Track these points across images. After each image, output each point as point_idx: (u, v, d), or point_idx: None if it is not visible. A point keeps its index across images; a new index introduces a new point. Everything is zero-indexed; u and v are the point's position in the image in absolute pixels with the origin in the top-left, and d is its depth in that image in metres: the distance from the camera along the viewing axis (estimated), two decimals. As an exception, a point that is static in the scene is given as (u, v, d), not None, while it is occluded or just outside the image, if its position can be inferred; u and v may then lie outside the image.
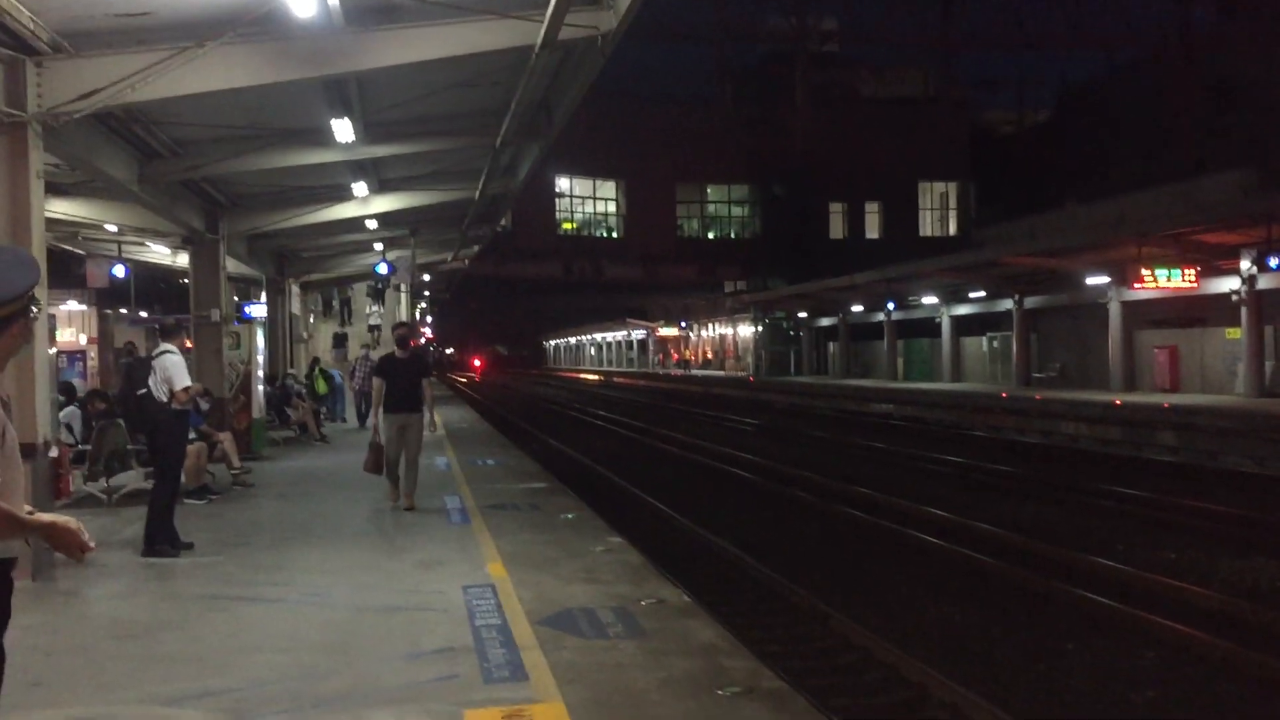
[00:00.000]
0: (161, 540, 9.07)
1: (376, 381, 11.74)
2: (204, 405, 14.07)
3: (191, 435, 13.09)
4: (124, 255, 21.87)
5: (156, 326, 10.06)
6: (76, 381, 18.92)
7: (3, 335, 3.13)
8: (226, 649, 6.30)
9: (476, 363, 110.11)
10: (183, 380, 9.12)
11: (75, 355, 28.70)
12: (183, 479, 12.12)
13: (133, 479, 11.98)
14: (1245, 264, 24.54)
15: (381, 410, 11.54)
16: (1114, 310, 29.56)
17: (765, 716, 4.94)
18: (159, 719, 5.07)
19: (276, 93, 10.80)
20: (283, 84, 9.63)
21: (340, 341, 32.75)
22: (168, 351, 9.25)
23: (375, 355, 19.83)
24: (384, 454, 11.50)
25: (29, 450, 7.25)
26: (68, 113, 8.43)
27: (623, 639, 6.31)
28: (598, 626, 6.59)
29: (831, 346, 51.22)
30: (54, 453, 8.94)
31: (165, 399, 9.10)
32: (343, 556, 9.06)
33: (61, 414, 13.26)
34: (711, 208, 64.40)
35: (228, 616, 7.12)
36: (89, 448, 11.98)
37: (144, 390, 9.25)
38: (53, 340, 20.28)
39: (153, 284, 33.38)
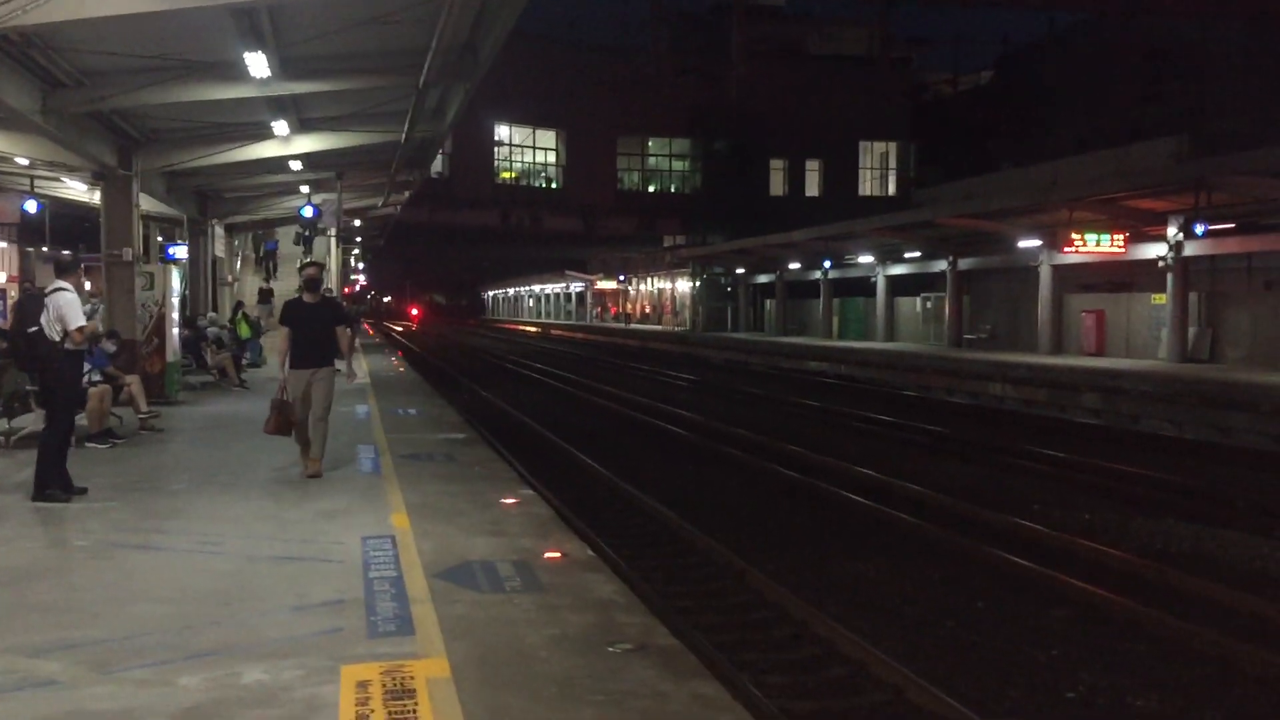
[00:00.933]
0: (53, 484, 8.70)
1: (281, 331, 10.34)
2: (110, 347, 13.62)
3: (97, 377, 12.69)
4: (37, 190, 21.08)
5: (51, 262, 9.57)
6: (-9, 320, 18.28)
7: None
8: (105, 599, 6.01)
9: (414, 311, 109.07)
10: (76, 319, 8.70)
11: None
12: (85, 422, 11.76)
13: (32, 421, 11.54)
14: (1172, 230, 24.76)
15: (286, 364, 10.14)
16: (1044, 273, 29.78)
17: (651, 675, 4.79)
18: (16, 670, 4.80)
19: (185, 20, 10.36)
20: (188, 11, 9.20)
21: (265, 297, 31.95)
22: (61, 289, 8.81)
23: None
24: (291, 413, 10.02)
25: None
26: (-49, 33, 7.95)
27: (519, 593, 6.13)
28: (495, 580, 6.40)
29: (768, 304, 51.24)
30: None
31: (58, 338, 8.68)
32: (244, 505, 8.77)
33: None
34: (652, 160, 63.88)
35: (112, 565, 6.83)
36: (-14, 388, 11.51)
37: (35, 328, 8.81)
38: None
39: (75, 222, 32.39)
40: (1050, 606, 8.29)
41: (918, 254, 36.20)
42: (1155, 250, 25.56)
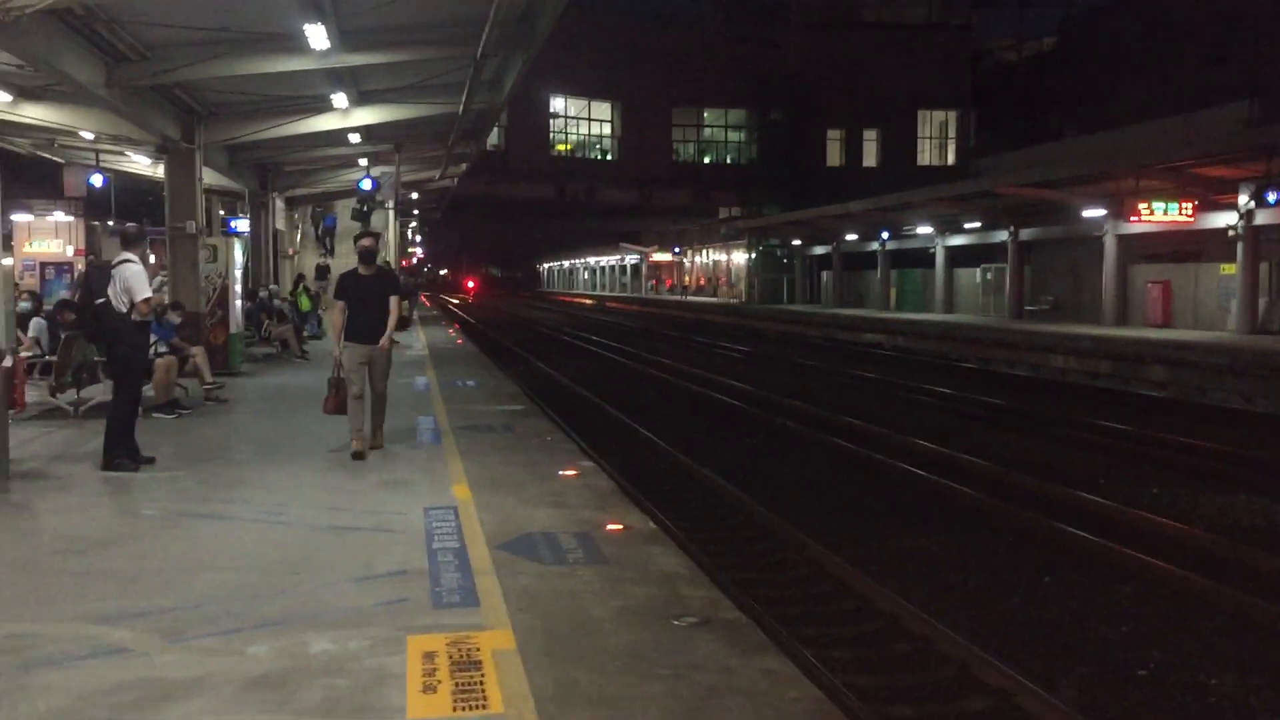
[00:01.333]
0: (121, 454, 8.83)
1: (336, 305, 9.93)
2: (175, 319, 13.79)
3: (163, 349, 12.86)
4: (102, 164, 21.40)
5: (118, 234, 9.65)
6: (63, 293, 18.60)
7: None
8: (172, 567, 6.09)
9: (470, 284, 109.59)
10: (143, 291, 8.79)
11: (63, 266, 28.32)
12: (152, 393, 11.93)
13: (100, 391, 11.72)
14: (1243, 199, 24.16)
15: (342, 339, 9.78)
16: (1109, 243, 29.21)
17: (717, 649, 4.75)
18: (88, 638, 4.86)
19: (245, -9, 10.35)
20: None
21: (323, 274, 32.22)
22: (128, 260, 8.90)
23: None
24: (347, 390, 9.66)
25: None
26: (19, 7, 8.01)
27: (582, 565, 6.12)
28: (558, 552, 6.39)
29: (825, 275, 50.84)
30: (7, 363, 8.66)
31: (124, 309, 8.78)
32: (306, 475, 8.85)
33: (30, 325, 12.99)
34: (708, 132, 63.45)
35: (179, 533, 6.91)
36: (55, 359, 11.71)
37: (103, 299, 8.91)
38: (8, 248, 19.82)
39: (140, 196, 32.84)
40: (1119, 582, 8.14)
41: (978, 224, 35.67)
42: (1225, 219, 24.96)
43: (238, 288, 17.65)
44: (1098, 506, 10.32)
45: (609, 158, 62.12)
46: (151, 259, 10.31)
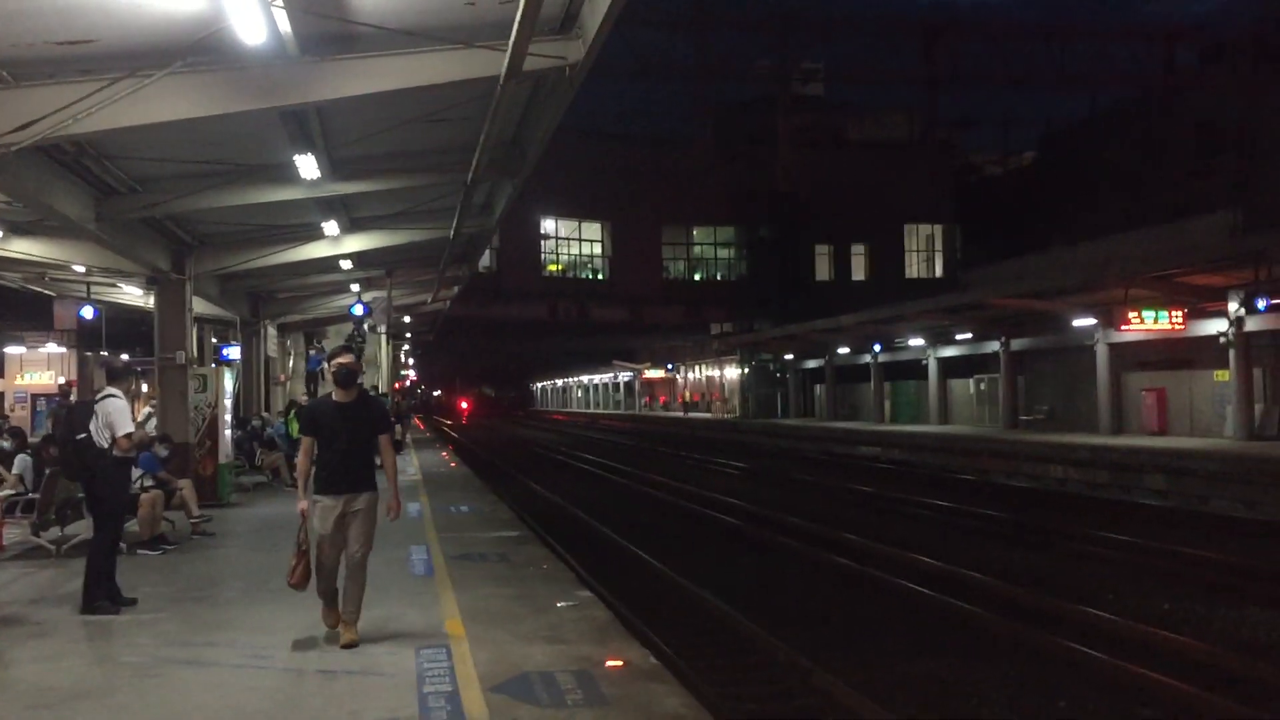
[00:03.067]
0: (101, 596, 8.54)
1: (305, 442, 7.64)
2: (163, 451, 13.58)
3: (149, 483, 12.63)
4: (94, 296, 21.44)
5: (103, 368, 9.52)
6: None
7: None
8: (151, 720, 5.79)
9: (463, 405, 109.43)
10: (125, 426, 8.61)
11: (54, 398, 28.16)
12: (137, 528, 11.66)
13: (85, 529, 11.45)
14: (1233, 305, 24.25)
15: (309, 487, 7.51)
16: (1101, 352, 29.24)
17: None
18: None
19: (235, 126, 10.42)
20: (238, 116, 9.23)
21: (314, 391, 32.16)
22: (111, 395, 8.74)
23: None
24: (320, 556, 7.46)
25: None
26: (5, 144, 8.01)
27: (581, 708, 5.83)
28: (555, 693, 6.10)
29: (818, 388, 50.84)
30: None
31: (106, 444, 8.59)
32: (293, 613, 8.52)
33: (15, 461, 12.76)
34: (697, 249, 64.13)
35: (159, 682, 6.61)
36: (39, 496, 11.46)
37: (83, 435, 8.71)
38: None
39: (131, 326, 32.90)
40: (1139, 705, 7.86)
41: (969, 335, 35.78)
42: (1215, 326, 25.01)
43: (228, 417, 17.47)
44: (1110, 624, 10.04)
45: (600, 277, 62.62)
46: (144, 388, 10.15)
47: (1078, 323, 28.57)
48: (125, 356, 22.42)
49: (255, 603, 9.02)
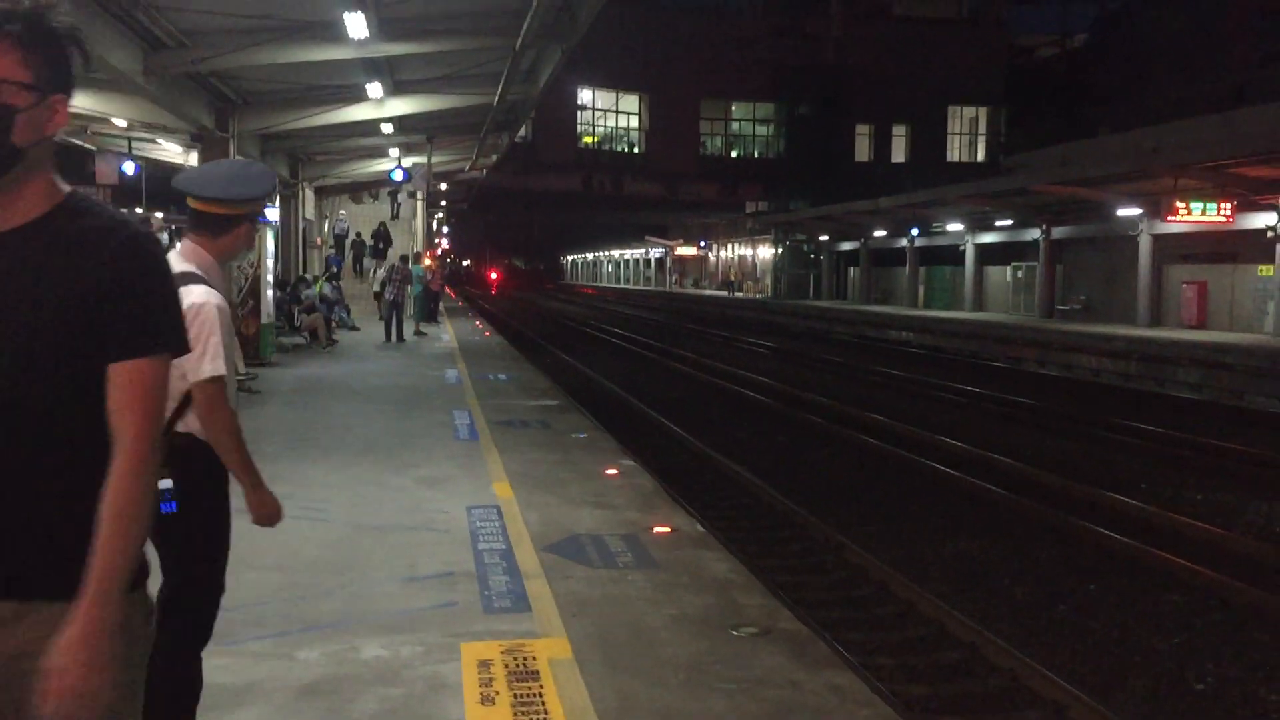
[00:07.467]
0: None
1: None
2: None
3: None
4: (134, 152, 21.41)
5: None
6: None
7: (229, 233, 3.40)
8: (217, 564, 6.00)
9: (493, 275, 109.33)
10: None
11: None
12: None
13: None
14: (1284, 198, 23.82)
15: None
16: (1144, 243, 28.86)
17: (782, 662, 4.62)
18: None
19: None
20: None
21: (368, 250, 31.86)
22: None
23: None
24: None
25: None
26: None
27: (632, 569, 6.00)
28: (606, 555, 6.29)
29: (852, 271, 50.53)
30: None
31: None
32: (345, 470, 8.77)
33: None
34: (735, 125, 63.15)
35: (221, 529, 6.82)
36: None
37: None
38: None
39: (167, 185, 32.95)
40: (1166, 591, 7.98)
41: (1009, 222, 35.33)
42: (1264, 220, 24.60)
43: (270, 277, 17.60)
44: (1140, 511, 10.15)
45: (636, 150, 61.93)
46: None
47: (1123, 212, 28.15)
48: (160, 214, 22.53)
49: (305, 458, 9.24)
